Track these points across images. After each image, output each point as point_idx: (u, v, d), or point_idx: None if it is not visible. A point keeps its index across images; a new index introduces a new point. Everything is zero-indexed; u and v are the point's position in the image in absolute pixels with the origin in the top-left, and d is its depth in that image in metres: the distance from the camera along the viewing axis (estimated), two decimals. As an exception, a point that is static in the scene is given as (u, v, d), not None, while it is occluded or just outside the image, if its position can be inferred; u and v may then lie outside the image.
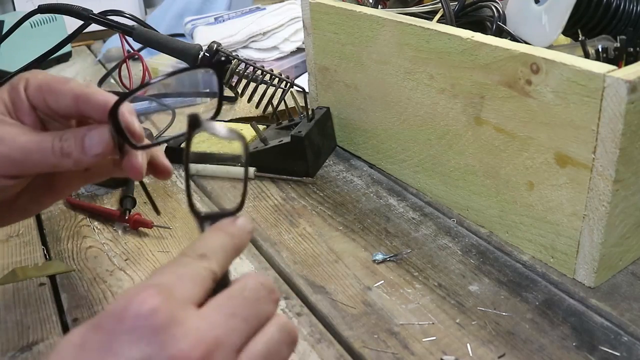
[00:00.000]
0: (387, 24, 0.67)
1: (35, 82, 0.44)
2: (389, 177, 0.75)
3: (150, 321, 0.29)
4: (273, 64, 1.05)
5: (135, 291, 0.30)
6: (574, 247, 0.53)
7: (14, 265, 0.61)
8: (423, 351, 0.48)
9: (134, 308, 0.29)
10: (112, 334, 0.29)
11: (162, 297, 0.29)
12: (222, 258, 0.34)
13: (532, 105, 0.53)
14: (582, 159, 0.50)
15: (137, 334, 0.28)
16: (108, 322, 0.29)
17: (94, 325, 0.30)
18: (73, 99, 0.43)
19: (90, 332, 0.29)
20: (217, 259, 0.34)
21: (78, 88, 0.43)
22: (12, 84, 0.45)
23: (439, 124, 0.64)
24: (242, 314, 0.31)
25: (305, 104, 0.77)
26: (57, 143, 0.42)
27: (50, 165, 0.43)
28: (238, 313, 0.31)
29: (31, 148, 0.42)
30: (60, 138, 0.42)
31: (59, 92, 0.43)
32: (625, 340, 0.48)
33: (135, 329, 0.28)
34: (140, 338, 0.28)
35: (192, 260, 0.33)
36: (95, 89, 0.44)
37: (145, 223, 0.65)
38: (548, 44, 0.62)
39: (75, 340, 0.29)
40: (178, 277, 0.32)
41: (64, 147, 0.42)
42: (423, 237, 0.62)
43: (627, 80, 0.45)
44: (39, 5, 0.85)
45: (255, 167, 0.75)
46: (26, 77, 0.44)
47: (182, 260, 0.33)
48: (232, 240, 0.35)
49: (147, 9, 1.55)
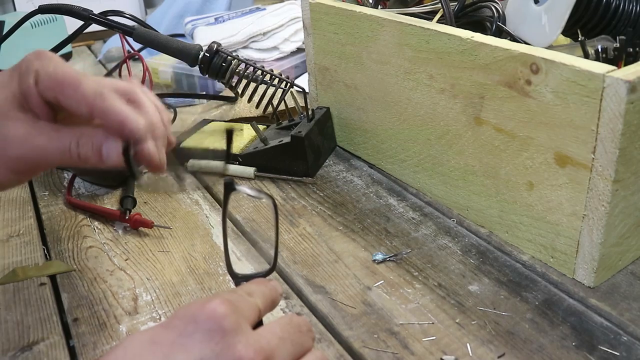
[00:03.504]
0: (387, 24, 0.67)
1: (47, 78, 0.42)
2: (388, 177, 0.75)
3: (221, 324, 0.32)
4: (273, 64, 1.05)
5: (205, 300, 0.34)
6: (574, 247, 0.54)
7: (14, 265, 0.61)
8: (423, 351, 0.48)
9: (207, 312, 0.33)
10: (184, 332, 0.32)
11: (231, 307, 0.34)
12: (263, 302, 0.38)
13: (532, 105, 0.53)
14: (581, 159, 0.50)
15: (209, 334, 0.32)
16: (179, 322, 0.33)
17: (164, 326, 0.33)
18: (87, 109, 0.42)
19: (161, 330, 0.33)
20: (260, 300, 0.38)
21: (92, 98, 0.42)
22: (20, 73, 0.43)
23: (439, 124, 0.64)
24: (291, 338, 0.35)
25: (305, 104, 0.77)
26: (74, 148, 0.42)
27: (66, 164, 0.44)
28: (287, 337, 0.35)
29: (47, 149, 0.42)
30: (77, 143, 0.42)
31: (72, 97, 0.42)
32: (625, 340, 0.48)
33: (207, 329, 0.32)
34: (211, 338, 0.32)
35: (242, 294, 0.37)
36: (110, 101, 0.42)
37: (146, 223, 0.65)
38: (548, 44, 0.62)
39: (145, 338, 0.33)
40: (237, 299, 0.35)
41: (81, 154, 0.42)
42: (423, 237, 0.62)
43: (626, 81, 0.45)
44: (40, 5, 0.85)
45: (255, 167, 0.76)
46: (35, 69, 0.42)
47: (234, 292, 0.37)
48: (269, 292, 0.39)
49: (147, 9, 1.55)
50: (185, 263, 0.60)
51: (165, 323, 0.34)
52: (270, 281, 0.40)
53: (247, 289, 0.38)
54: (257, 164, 0.76)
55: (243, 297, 0.36)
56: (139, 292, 0.57)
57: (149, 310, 0.54)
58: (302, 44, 1.09)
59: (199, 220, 0.68)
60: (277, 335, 0.35)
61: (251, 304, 0.36)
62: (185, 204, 0.71)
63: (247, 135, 0.81)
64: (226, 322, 0.33)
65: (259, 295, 0.38)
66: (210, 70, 0.78)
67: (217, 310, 0.33)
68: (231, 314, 0.33)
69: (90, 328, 0.52)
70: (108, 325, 0.53)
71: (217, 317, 0.33)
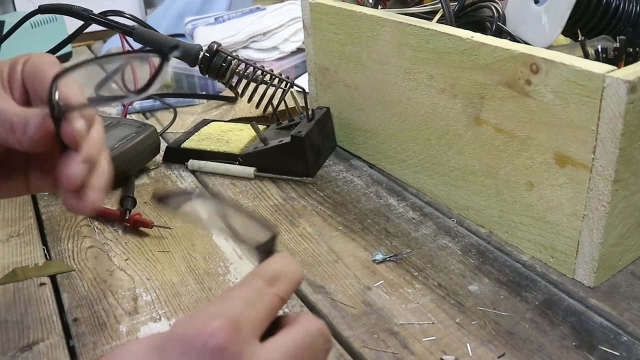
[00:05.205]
0: (387, 24, 0.67)
1: (33, 62, 0.43)
2: (388, 177, 0.75)
3: (215, 357, 0.29)
4: (273, 64, 1.05)
5: (205, 319, 0.30)
6: (574, 247, 0.54)
7: (14, 265, 0.61)
8: (423, 351, 0.48)
9: (201, 339, 0.29)
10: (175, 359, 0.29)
11: (231, 332, 0.30)
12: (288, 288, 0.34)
13: (532, 105, 0.53)
14: (581, 159, 0.50)
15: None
16: (173, 346, 0.30)
17: (157, 347, 0.30)
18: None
19: (154, 354, 0.30)
20: (286, 287, 0.34)
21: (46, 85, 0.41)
22: (16, 58, 0.45)
23: (439, 124, 0.64)
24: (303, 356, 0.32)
25: (305, 104, 0.77)
26: (15, 118, 0.41)
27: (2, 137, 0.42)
28: (298, 357, 0.32)
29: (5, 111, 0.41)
30: (17, 114, 0.41)
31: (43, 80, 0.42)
32: (625, 339, 0.48)
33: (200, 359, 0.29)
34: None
35: (264, 285, 0.33)
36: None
37: (146, 223, 0.65)
38: (548, 44, 0.62)
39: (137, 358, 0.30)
40: (250, 305, 0.32)
41: (14, 123, 0.41)
42: (423, 237, 0.62)
43: (626, 81, 0.45)
44: (40, 5, 0.85)
45: (255, 167, 0.76)
46: (30, 54, 0.44)
47: (255, 284, 0.33)
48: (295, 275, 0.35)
49: (147, 9, 1.55)
50: (185, 263, 0.60)
51: (160, 344, 0.31)
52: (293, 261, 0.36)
53: (274, 272, 0.34)
54: (257, 164, 0.76)
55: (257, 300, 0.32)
56: (139, 292, 0.57)
57: (149, 311, 0.54)
58: (302, 44, 1.09)
59: (199, 220, 0.68)
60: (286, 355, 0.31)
61: (269, 304, 0.33)
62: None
63: (247, 135, 0.81)
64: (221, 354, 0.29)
65: (285, 281, 0.34)
66: (210, 70, 0.78)
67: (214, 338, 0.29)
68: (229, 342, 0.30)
69: (90, 328, 0.52)
70: (108, 326, 0.53)
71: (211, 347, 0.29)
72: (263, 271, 0.34)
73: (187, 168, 0.79)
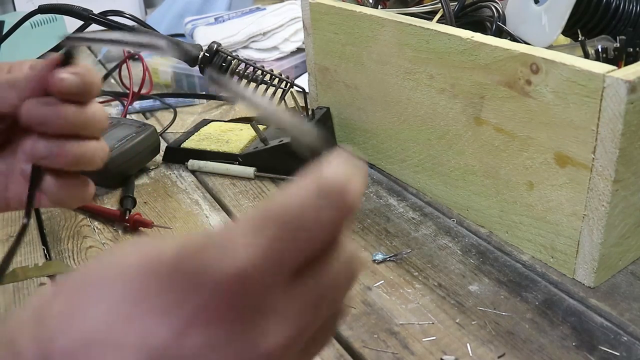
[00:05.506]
0: (387, 24, 0.67)
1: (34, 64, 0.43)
2: (388, 177, 0.75)
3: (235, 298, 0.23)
4: (273, 64, 1.05)
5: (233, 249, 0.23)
6: (574, 247, 0.54)
7: (14, 265, 0.61)
8: (423, 351, 0.48)
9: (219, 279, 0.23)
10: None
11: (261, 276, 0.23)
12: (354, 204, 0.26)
13: (532, 105, 0.53)
14: (581, 159, 0.50)
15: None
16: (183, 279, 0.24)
17: (157, 275, 0.24)
18: None
19: (153, 281, 0.24)
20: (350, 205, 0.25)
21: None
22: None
23: (439, 124, 0.64)
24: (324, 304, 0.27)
25: (305, 104, 0.77)
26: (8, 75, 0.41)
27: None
28: (319, 304, 0.27)
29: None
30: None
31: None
32: (625, 340, 0.48)
33: None
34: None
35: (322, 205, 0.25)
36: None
37: (145, 223, 0.65)
38: (548, 44, 0.62)
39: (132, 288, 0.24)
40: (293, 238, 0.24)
41: (9, 79, 0.40)
42: (423, 237, 0.62)
43: (626, 81, 0.45)
44: (40, 5, 0.85)
45: (255, 167, 0.76)
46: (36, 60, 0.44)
47: (311, 204, 0.25)
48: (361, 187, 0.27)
49: (147, 9, 1.55)
50: (185, 263, 0.60)
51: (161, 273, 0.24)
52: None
53: (340, 185, 0.25)
54: (257, 164, 0.76)
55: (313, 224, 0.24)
56: (139, 292, 0.57)
57: (149, 310, 0.54)
58: (302, 44, 1.09)
59: (199, 220, 0.68)
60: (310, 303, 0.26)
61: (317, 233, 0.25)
62: (185, 204, 0.71)
63: (247, 135, 0.81)
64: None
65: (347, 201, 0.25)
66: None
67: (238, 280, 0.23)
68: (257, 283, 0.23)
69: (90, 328, 0.52)
70: (108, 325, 0.52)
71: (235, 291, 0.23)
72: (325, 184, 0.25)
73: (187, 168, 0.79)
